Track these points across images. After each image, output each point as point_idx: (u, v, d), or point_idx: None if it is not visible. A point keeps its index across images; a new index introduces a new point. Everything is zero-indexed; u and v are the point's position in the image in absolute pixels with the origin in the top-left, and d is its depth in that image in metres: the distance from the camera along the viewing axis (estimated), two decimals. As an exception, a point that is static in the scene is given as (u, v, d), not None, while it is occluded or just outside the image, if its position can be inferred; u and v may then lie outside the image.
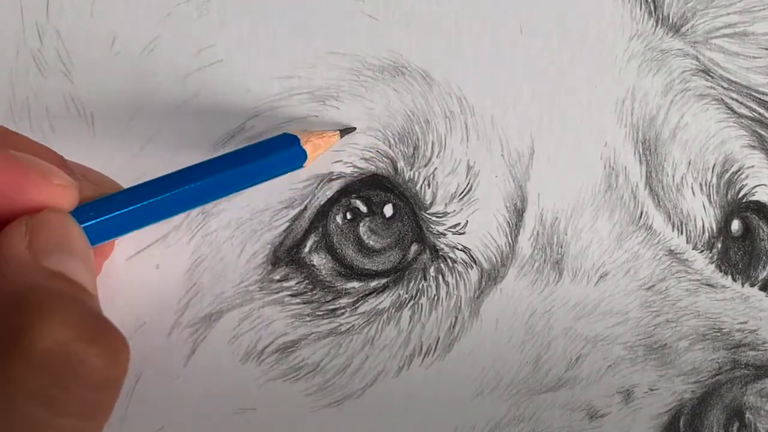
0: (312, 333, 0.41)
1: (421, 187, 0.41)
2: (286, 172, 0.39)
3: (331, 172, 0.41)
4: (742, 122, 0.46)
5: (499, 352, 0.41)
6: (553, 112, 0.43)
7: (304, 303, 0.41)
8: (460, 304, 0.42)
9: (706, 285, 0.43)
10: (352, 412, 0.41)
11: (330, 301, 0.41)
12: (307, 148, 0.39)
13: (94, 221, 0.34)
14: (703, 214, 0.44)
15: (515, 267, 0.42)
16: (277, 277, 0.40)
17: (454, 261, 0.42)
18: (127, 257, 0.40)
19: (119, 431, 0.40)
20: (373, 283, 0.41)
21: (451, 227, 0.42)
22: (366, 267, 0.41)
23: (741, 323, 0.42)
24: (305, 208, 0.41)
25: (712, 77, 0.46)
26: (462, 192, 0.42)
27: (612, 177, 0.43)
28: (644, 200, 0.43)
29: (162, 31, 0.41)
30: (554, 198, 0.43)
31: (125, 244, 0.40)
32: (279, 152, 0.39)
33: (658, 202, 0.44)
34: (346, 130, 0.41)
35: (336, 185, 0.41)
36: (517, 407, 0.40)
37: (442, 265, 0.42)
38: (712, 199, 0.45)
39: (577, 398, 0.40)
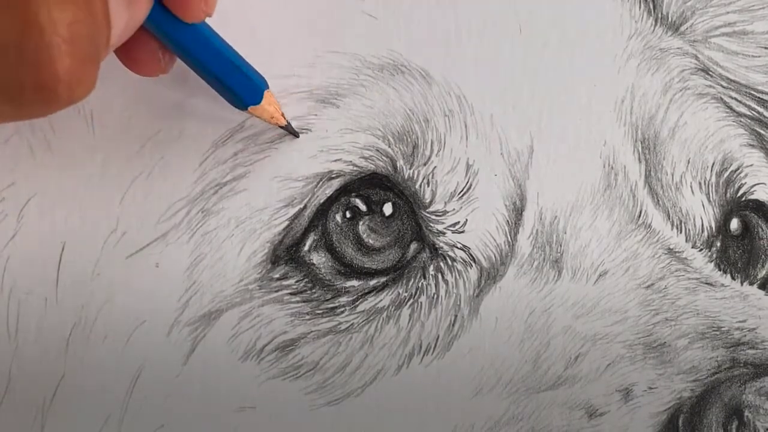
0: (311, 331, 0.41)
1: (420, 186, 0.41)
2: (233, 98, 0.39)
3: (331, 171, 0.41)
4: (741, 121, 0.46)
5: (498, 351, 0.41)
6: (553, 111, 0.43)
7: (304, 301, 0.41)
8: (460, 302, 0.42)
9: (705, 283, 0.43)
10: (352, 410, 0.41)
11: (329, 299, 0.41)
12: (264, 106, 0.40)
13: None
14: (702, 212, 0.44)
15: (514, 266, 0.42)
16: (277, 276, 0.41)
17: (454, 259, 0.42)
18: (126, 256, 0.40)
19: (119, 430, 0.40)
20: (373, 282, 0.41)
21: (450, 226, 0.42)
22: (365, 265, 0.41)
23: (740, 322, 0.41)
24: (305, 206, 0.41)
25: (711, 76, 0.46)
26: (461, 191, 0.42)
27: (611, 176, 0.43)
28: (643, 199, 0.43)
29: (162, 30, 0.41)
30: (553, 197, 0.43)
31: (125, 243, 0.40)
32: (246, 81, 0.39)
33: (657, 200, 0.44)
34: (288, 130, 0.41)
35: (335, 184, 0.41)
36: (516, 406, 0.40)
37: (441, 263, 0.42)
38: (711, 198, 0.45)
39: (576, 397, 0.40)
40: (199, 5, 0.36)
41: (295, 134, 0.41)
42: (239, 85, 0.39)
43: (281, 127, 0.40)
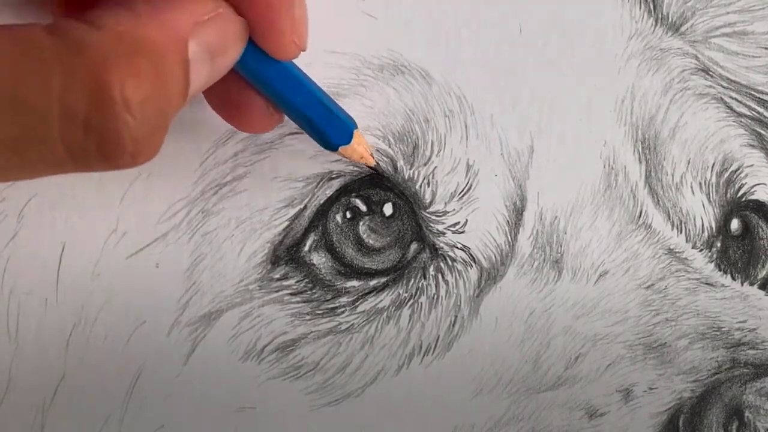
0: (311, 332, 0.41)
1: (420, 186, 0.41)
2: (323, 139, 0.39)
3: (331, 171, 0.41)
4: (741, 121, 0.46)
5: (498, 351, 0.41)
6: (553, 111, 0.43)
7: (304, 302, 0.41)
8: (460, 302, 0.42)
9: (706, 284, 0.43)
10: (352, 410, 0.41)
11: (329, 299, 0.41)
12: (354, 146, 0.39)
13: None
14: (703, 212, 0.44)
15: (515, 266, 0.42)
16: (277, 276, 0.41)
17: (454, 260, 0.42)
18: (126, 256, 0.40)
19: (119, 430, 0.40)
20: (373, 282, 0.41)
21: (450, 226, 0.42)
22: (365, 266, 0.41)
23: (740, 322, 0.42)
24: (305, 207, 0.41)
25: (712, 76, 0.46)
26: (461, 191, 0.42)
27: (611, 176, 0.43)
28: (644, 199, 0.43)
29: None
30: (554, 197, 0.43)
31: (125, 243, 0.40)
32: (336, 122, 0.38)
33: (658, 201, 0.44)
34: (377, 170, 0.40)
35: (335, 184, 0.41)
36: (517, 406, 0.40)
37: (441, 263, 0.42)
38: (711, 198, 0.45)
39: (576, 397, 0.40)
40: (292, 39, 0.35)
41: (384, 175, 0.41)
42: (329, 125, 0.38)
43: (370, 167, 0.40)
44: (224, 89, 0.36)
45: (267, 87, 0.37)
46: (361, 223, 0.41)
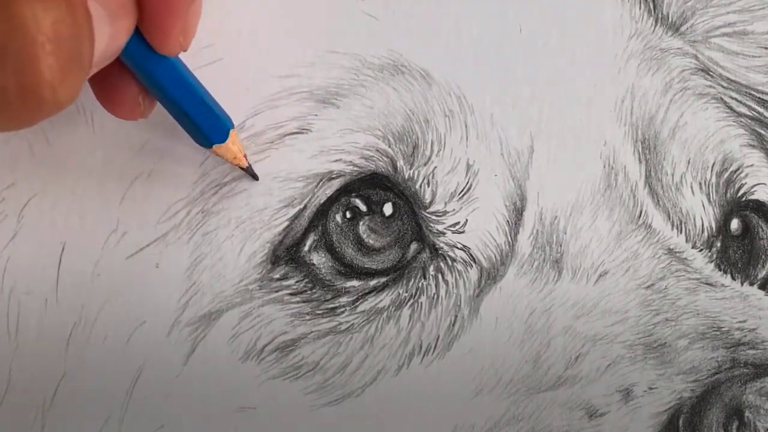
0: (311, 332, 0.41)
1: (420, 186, 0.41)
2: (199, 135, 0.39)
3: (331, 171, 0.41)
4: (741, 121, 0.46)
5: (498, 351, 0.41)
6: (553, 111, 0.43)
7: (304, 302, 0.41)
8: (460, 302, 0.42)
9: (706, 284, 0.43)
10: (352, 410, 0.41)
11: (329, 299, 0.41)
12: (228, 145, 0.39)
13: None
14: (703, 212, 0.44)
15: (515, 266, 0.42)
16: (277, 276, 0.41)
17: (454, 260, 0.42)
18: (126, 256, 0.40)
19: (119, 430, 0.40)
20: (373, 282, 0.41)
21: (450, 226, 0.42)
22: (365, 266, 0.41)
23: (740, 322, 0.42)
24: (305, 207, 0.41)
25: (712, 76, 0.46)
26: (461, 191, 0.42)
27: (611, 176, 0.43)
28: (643, 199, 0.43)
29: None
30: (554, 197, 0.43)
31: (125, 243, 0.40)
32: (213, 120, 0.39)
33: (658, 201, 0.44)
34: (250, 171, 0.41)
35: (335, 184, 0.41)
36: (517, 406, 0.40)
37: (441, 263, 0.42)
38: (711, 198, 0.45)
39: (576, 397, 0.40)
40: (177, 39, 0.36)
41: (255, 177, 0.40)
42: (206, 122, 0.39)
43: (242, 168, 0.40)
44: (105, 68, 0.36)
45: (148, 78, 0.37)
46: (361, 223, 0.41)
